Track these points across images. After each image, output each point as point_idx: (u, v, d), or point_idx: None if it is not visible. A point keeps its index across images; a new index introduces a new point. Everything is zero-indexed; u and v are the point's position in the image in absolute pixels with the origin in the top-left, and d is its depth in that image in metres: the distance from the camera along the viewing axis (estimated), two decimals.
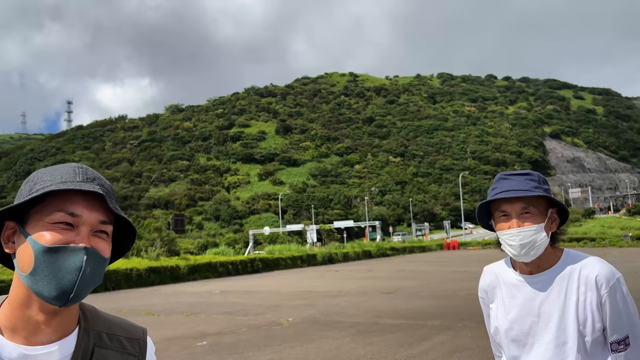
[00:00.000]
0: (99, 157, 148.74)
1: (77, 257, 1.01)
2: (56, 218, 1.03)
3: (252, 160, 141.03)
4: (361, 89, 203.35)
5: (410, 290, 16.46)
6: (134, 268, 21.65)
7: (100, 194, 1.06)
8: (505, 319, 1.87)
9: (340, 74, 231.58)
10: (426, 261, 34.05)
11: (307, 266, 33.22)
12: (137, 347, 1.17)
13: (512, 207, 1.77)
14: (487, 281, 1.97)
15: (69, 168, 1.10)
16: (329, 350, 7.99)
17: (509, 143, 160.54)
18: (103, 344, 1.11)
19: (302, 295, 15.84)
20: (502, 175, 1.85)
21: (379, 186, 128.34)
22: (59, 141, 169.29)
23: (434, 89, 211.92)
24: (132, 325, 1.22)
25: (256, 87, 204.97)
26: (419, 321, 10.29)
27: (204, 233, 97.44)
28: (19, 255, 1.04)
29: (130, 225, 1.15)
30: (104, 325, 1.15)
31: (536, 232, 1.74)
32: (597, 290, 1.74)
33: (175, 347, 8.57)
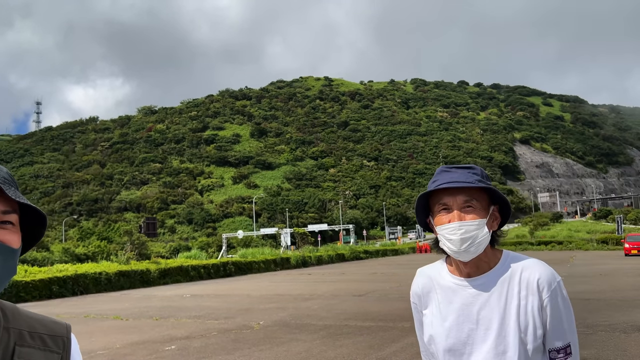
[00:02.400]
0: (69, 159, 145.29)
1: None
2: None
3: (226, 163, 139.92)
4: (336, 94, 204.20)
5: (382, 292, 16.61)
6: (103, 272, 21.26)
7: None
8: (441, 327, 1.68)
9: (315, 78, 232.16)
10: (398, 264, 34.37)
11: (280, 269, 33.15)
12: (60, 344, 1.12)
13: (454, 200, 1.64)
14: (420, 285, 1.79)
15: None
16: (298, 353, 8.00)
17: (480, 148, 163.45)
18: (24, 342, 1.06)
19: (274, 299, 15.81)
20: (444, 168, 1.73)
21: (353, 190, 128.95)
22: (27, 142, 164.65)
23: (408, 95, 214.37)
24: (55, 322, 1.17)
25: (231, 89, 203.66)
26: (389, 323, 10.40)
27: (177, 237, 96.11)
28: None
29: (37, 212, 1.09)
30: (25, 324, 1.09)
31: (478, 227, 1.61)
32: (539, 294, 1.61)
33: (143, 351, 8.45)
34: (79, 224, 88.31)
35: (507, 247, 1.74)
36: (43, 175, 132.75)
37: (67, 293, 19.01)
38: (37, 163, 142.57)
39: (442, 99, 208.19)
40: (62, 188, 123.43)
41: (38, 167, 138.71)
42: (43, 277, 18.56)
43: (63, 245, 42.09)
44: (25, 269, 20.18)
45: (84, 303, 16.40)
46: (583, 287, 16.18)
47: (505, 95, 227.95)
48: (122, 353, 8.33)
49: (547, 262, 1.61)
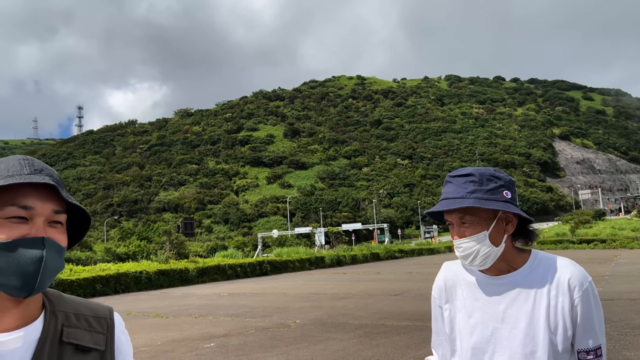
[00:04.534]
0: (109, 162, 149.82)
1: (36, 248, 1.01)
2: (9, 212, 1.02)
3: (261, 163, 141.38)
4: (369, 92, 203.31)
5: (418, 292, 16.46)
6: (144, 271, 21.83)
7: (51, 185, 1.06)
8: (466, 323, 1.64)
9: (347, 77, 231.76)
10: (434, 263, 33.96)
11: (315, 269, 33.27)
12: (104, 325, 1.18)
13: (451, 217, 1.62)
14: (445, 279, 1.74)
15: (15, 161, 1.09)
16: (335, 351, 8.04)
17: (517, 145, 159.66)
18: (71, 323, 1.12)
19: (310, 298, 15.89)
20: (448, 178, 1.68)
21: (387, 189, 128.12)
22: (70, 146, 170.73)
23: (442, 91, 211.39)
24: (98, 305, 1.23)
25: (264, 90, 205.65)
26: (426, 323, 10.30)
27: (213, 236, 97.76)
28: None
29: (83, 212, 1.15)
30: (70, 307, 1.16)
31: (477, 243, 1.57)
32: (570, 294, 1.56)
33: (183, 348, 8.66)
34: (120, 224, 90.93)
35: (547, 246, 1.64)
36: (85, 177, 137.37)
37: (109, 291, 19.62)
38: (79, 166, 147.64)
39: (478, 95, 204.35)
40: (104, 190, 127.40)
41: (80, 169, 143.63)
42: (87, 276, 19.21)
43: (105, 245, 43.47)
44: (70, 268, 20.94)
45: (126, 301, 16.90)
46: (628, 287, 15.62)
47: (543, 90, 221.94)
48: (163, 350, 8.55)
49: (590, 261, 1.63)
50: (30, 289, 1.01)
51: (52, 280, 1.05)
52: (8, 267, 0.99)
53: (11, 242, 1.00)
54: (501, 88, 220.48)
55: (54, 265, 1.05)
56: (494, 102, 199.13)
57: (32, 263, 1.00)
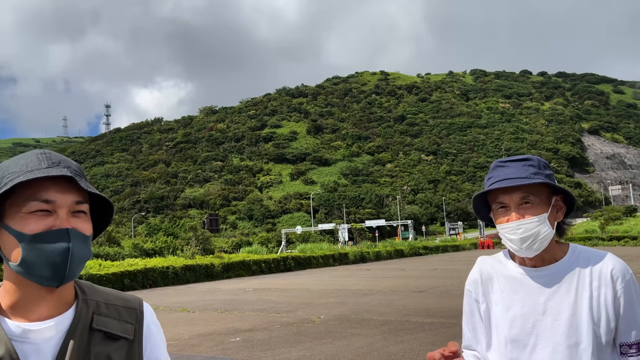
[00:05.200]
0: (136, 159, 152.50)
1: (61, 239, 1.04)
2: (32, 207, 1.05)
3: (284, 160, 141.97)
4: (392, 87, 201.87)
5: (443, 288, 16.34)
6: (170, 266, 22.19)
7: (69, 177, 1.08)
8: (504, 316, 1.62)
9: (371, 72, 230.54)
10: (460, 260, 33.62)
11: (338, 265, 33.30)
12: (134, 316, 1.21)
13: (510, 198, 1.57)
14: (481, 272, 1.72)
15: (33, 156, 1.11)
16: (360, 347, 8.05)
17: (545, 140, 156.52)
18: (101, 311, 1.16)
19: (334, 293, 15.92)
20: (498, 163, 1.64)
21: (411, 185, 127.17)
22: (98, 144, 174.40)
23: (467, 86, 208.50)
24: (129, 296, 1.27)
25: (287, 87, 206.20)
26: (451, 320, 10.23)
27: (238, 232, 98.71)
28: (5, 248, 1.07)
29: (105, 200, 1.17)
30: (101, 296, 1.20)
31: (539, 224, 1.54)
32: (613, 285, 1.54)
33: (209, 342, 8.79)
34: (147, 220, 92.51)
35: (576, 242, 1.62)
36: (113, 174, 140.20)
37: (137, 286, 20.01)
38: (107, 163, 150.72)
39: (504, 89, 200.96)
40: (131, 186, 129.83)
41: (108, 167, 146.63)
42: (116, 271, 19.64)
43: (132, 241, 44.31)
44: (100, 263, 21.45)
45: (153, 296, 17.20)
46: None
47: (572, 83, 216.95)
48: (189, 344, 8.70)
49: (621, 258, 1.62)
50: (61, 278, 1.05)
51: (82, 268, 1.09)
52: (37, 259, 1.04)
53: (37, 234, 1.04)
54: (528, 82, 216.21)
55: (80, 254, 1.08)
56: (521, 96, 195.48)
57: (60, 254, 1.04)
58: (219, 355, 7.82)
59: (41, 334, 1.07)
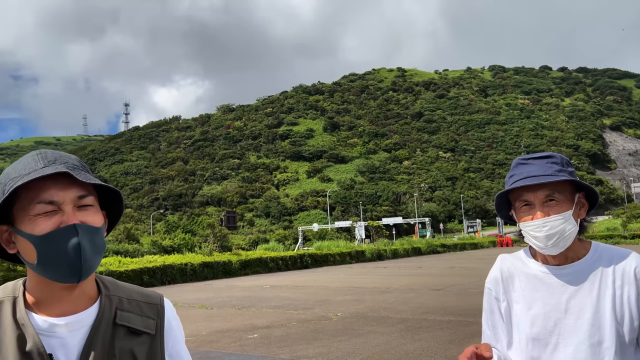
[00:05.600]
0: (155, 157, 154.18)
1: (71, 235, 1.06)
2: (37, 209, 1.07)
3: (301, 157, 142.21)
4: (409, 84, 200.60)
5: (461, 286, 16.21)
6: (189, 263, 22.41)
7: (65, 172, 1.07)
8: (525, 315, 1.61)
9: (388, 69, 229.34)
10: (478, 258, 33.33)
11: (355, 262, 33.26)
12: (155, 311, 1.23)
13: (534, 196, 1.56)
14: (501, 271, 1.70)
15: (30, 158, 1.12)
16: (377, 345, 8.03)
17: (565, 136, 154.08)
18: (124, 307, 1.19)
19: (351, 291, 15.92)
20: (520, 160, 1.63)
21: (429, 182, 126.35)
22: (117, 142, 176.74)
23: (485, 82, 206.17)
24: (150, 291, 1.29)
25: (304, 85, 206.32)
26: (469, 318, 10.15)
27: (255, 229, 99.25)
28: (22, 251, 1.10)
29: (111, 189, 1.17)
30: (123, 292, 1.22)
31: (564, 222, 1.53)
32: (636, 283, 1.53)
33: (227, 339, 8.85)
34: (165, 217, 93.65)
35: (597, 241, 1.59)
36: (132, 172, 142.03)
37: (156, 282, 20.25)
38: (126, 161, 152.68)
39: (523, 85, 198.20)
40: (150, 184, 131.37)
41: (127, 164, 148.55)
42: (135, 268, 19.89)
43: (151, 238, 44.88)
44: (119, 260, 21.74)
45: (172, 292, 17.39)
46: None
47: (593, 79, 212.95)
48: (208, 340, 8.78)
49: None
50: (78, 273, 1.07)
51: (99, 260, 1.11)
52: (51, 258, 1.06)
53: (47, 234, 1.05)
54: (548, 78, 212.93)
55: (93, 247, 1.09)
56: (540, 92, 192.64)
57: (71, 249, 1.06)
58: (237, 351, 7.87)
59: (67, 328, 1.10)
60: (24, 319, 1.08)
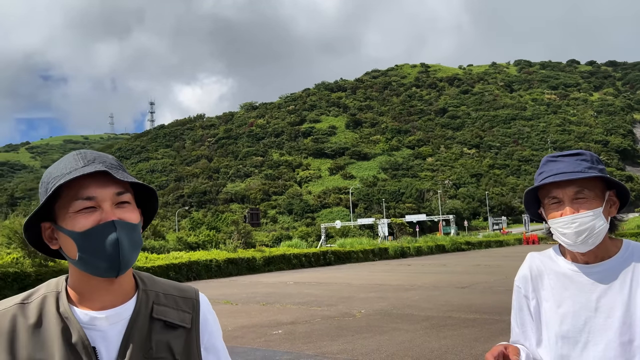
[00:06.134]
0: (180, 155, 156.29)
1: (110, 231, 1.11)
2: (77, 206, 1.12)
3: (323, 155, 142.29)
4: (433, 80, 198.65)
5: (486, 284, 16.02)
6: (213, 259, 22.67)
7: (103, 171, 1.13)
8: (555, 313, 1.61)
9: (411, 65, 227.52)
10: (504, 256, 32.87)
11: (378, 260, 33.17)
12: (190, 305, 1.27)
13: (563, 192, 1.55)
14: (531, 269, 1.70)
15: (70, 157, 1.18)
16: (401, 342, 8.00)
17: (593, 132, 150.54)
18: (160, 301, 1.23)
19: (374, 288, 15.88)
20: (550, 158, 1.63)
21: (453, 179, 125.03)
22: (143, 140, 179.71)
23: (511, 77, 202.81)
24: (185, 286, 1.33)
25: (326, 82, 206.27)
26: (494, 316, 10.03)
27: (278, 226, 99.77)
28: (64, 247, 1.15)
29: (146, 187, 1.22)
30: (160, 287, 1.27)
31: (594, 218, 1.52)
32: None
33: (252, 334, 8.94)
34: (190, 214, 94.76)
35: (627, 238, 1.58)
36: (157, 170, 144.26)
37: (182, 278, 20.54)
38: (152, 159, 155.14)
39: (550, 80, 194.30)
40: (175, 181, 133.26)
41: (153, 162, 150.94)
42: (161, 264, 20.22)
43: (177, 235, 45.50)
44: (146, 256, 22.14)
45: (198, 288, 17.52)
46: None
47: (623, 73, 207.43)
48: (233, 336, 8.87)
49: None
50: (117, 268, 1.12)
51: (136, 255, 1.16)
52: (92, 254, 1.11)
53: (87, 231, 1.10)
54: (575, 72, 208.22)
55: (131, 243, 1.14)
56: (568, 87, 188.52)
57: (110, 245, 1.10)
58: (262, 347, 7.94)
59: (107, 321, 1.15)
60: (68, 313, 1.13)
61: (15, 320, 1.12)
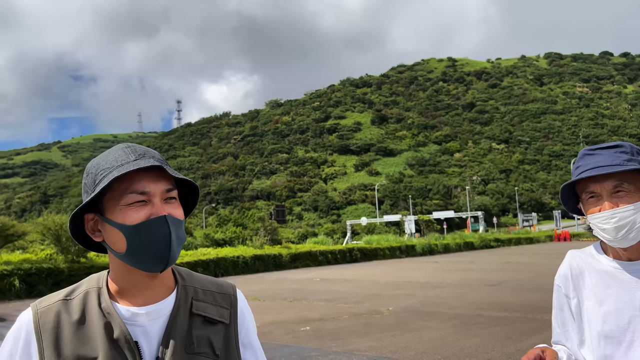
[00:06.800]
0: (206, 152, 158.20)
1: (162, 226, 1.12)
2: (130, 199, 1.12)
3: (348, 151, 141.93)
4: (460, 74, 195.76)
5: (517, 282, 15.70)
6: (241, 256, 22.86)
7: (158, 166, 1.15)
8: (597, 312, 1.54)
9: (437, 59, 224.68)
10: (534, 253, 32.22)
11: (405, 257, 32.90)
12: (228, 301, 1.27)
13: (601, 187, 1.49)
14: (571, 267, 1.64)
15: (120, 150, 1.18)
16: (431, 340, 7.89)
17: (628, 125, 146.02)
18: (199, 297, 1.23)
19: (402, 285, 15.75)
20: (587, 151, 1.56)
21: (482, 175, 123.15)
22: (170, 138, 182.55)
23: (541, 70, 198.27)
24: (222, 281, 1.33)
25: (351, 78, 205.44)
26: (527, 314, 9.81)
27: (304, 223, 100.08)
28: (110, 240, 1.14)
29: (190, 184, 1.24)
30: (198, 283, 1.27)
31: (635, 212, 1.45)
32: None
33: (280, 330, 8.95)
34: (217, 211, 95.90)
35: None
36: (185, 167, 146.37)
37: (209, 275, 20.59)
38: (179, 157, 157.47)
39: (582, 72, 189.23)
40: (202, 179, 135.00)
41: (180, 160, 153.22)
42: (190, 260, 20.49)
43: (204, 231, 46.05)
44: None
45: None
46: None
47: None
48: (261, 332, 8.87)
49: None
50: (165, 263, 1.12)
51: (180, 251, 1.18)
52: (141, 248, 1.11)
53: (139, 225, 1.11)
54: (609, 64, 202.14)
55: (179, 238, 1.15)
56: (600, 79, 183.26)
57: (162, 240, 1.11)
58: (290, 343, 7.94)
59: (147, 317, 1.15)
60: (110, 308, 1.14)
61: (60, 317, 1.13)
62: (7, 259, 16.79)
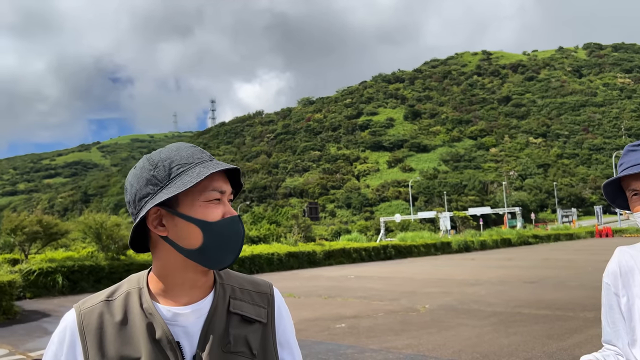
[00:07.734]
0: (240, 151, 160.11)
1: (237, 224, 1.16)
2: (211, 196, 1.14)
3: (381, 147, 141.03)
4: (495, 67, 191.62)
5: (557, 279, 15.30)
6: (275, 253, 23.06)
7: (236, 169, 1.20)
8: None
9: (471, 53, 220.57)
10: (575, 250, 31.31)
11: (441, 254, 32.50)
12: (265, 300, 1.26)
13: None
14: (620, 264, 1.56)
15: (192, 148, 1.20)
16: (468, 338, 7.77)
17: None
18: (237, 296, 1.23)
19: (438, 283, 15.56)
20: (630, 147, 1.51)
21: (519, 170, 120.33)
22: (205, 137, 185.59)
23: (580, 62, 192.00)
24: (259, 280, 1.32)
25: (383, 74, 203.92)
26: (568, 312, 9.53)
27: (337, 220, 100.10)
28: (180, 235, 1.13)
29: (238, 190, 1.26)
30: (235, 281, 1.26)
31: None
32: None
33: (315, 328, 8.98)
34: (251, 209, 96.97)
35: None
36: None
37: (244, 271, 20.91)
38: (214, 155, 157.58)
39: (623, 63, 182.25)
40: None
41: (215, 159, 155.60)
42: None
43: None
44: None
45: None
46: None
47: None
48: (297, 329, 8.90)
49: None
50: (235, 259, 1.16)
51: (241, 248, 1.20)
52: (218, 244, 1.13)
53: (219, 222, 1.13)
54: None
55: (242, 236, 1.18)
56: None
57: (238, 238, 1.15)
58: (326, 340, 7.96)
59: (188, 317, 1.15)
60: (152, 309, 1.14)
61: (103, 318, 1.14)
62: (51, 257, 17.45)
